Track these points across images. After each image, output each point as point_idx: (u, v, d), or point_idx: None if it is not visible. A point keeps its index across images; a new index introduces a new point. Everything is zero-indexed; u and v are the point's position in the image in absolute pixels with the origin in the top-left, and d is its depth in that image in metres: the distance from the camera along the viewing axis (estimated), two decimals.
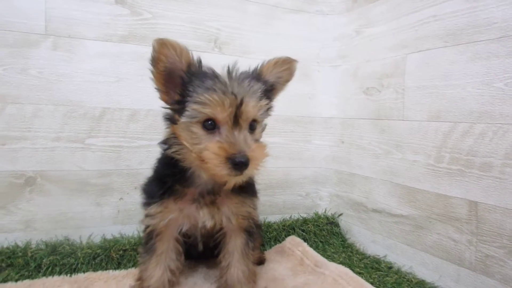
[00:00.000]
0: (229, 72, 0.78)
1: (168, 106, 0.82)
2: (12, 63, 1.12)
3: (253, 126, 0.80)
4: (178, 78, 0.79)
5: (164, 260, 0.91)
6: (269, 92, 0.87)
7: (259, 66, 0.87)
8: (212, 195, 0.87)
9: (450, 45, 1.05)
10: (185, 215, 0.88)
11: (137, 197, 1.27)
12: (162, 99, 0.82)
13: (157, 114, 1.25)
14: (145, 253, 0.91)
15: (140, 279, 0.92)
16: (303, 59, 1.51)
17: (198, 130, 0.77)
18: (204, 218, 0.87)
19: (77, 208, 1.22)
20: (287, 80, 0.91)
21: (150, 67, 0.78)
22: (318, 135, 1.56)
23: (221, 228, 0.92)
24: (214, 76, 0.77)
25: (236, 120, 0.76)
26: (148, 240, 0.91)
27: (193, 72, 0.79)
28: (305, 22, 1.51)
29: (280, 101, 0.93)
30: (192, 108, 0.76)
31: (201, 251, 0.97)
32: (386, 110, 1.27)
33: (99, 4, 1.20)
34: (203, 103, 0.74)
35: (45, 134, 1.17)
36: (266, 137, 0.88)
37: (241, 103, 0.75)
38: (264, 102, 0.79)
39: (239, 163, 0.72)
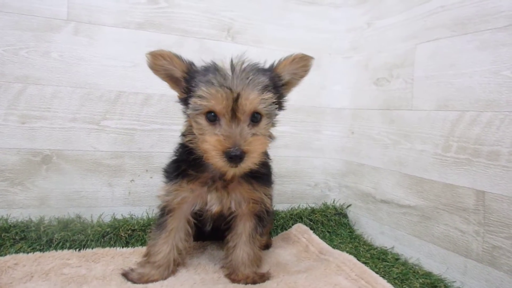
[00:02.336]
0: (232, 65, 0.81)
1: (179, 101, 0.90)
2: (35, 46, 1.18)
3: (256, 118, 0.82)
4: (181, 79, 0.86)
5: (173, 238, 0.93)
6: (281, 86, 0.90)
7: (275, 63, 0.89)
8: (224, 181, 0.90)
9: (457, 34, 1.05)
10: (195, 195, 0.92)
11: (148, 180, 1.32)
12: (179, 97, 0.90)
13: (169, 99, 1.29)
14: (156, 229, 0.94)
15: (147, 254, 0.94)
16: (315, 50, 1.53)
17: (202, 121, 0.82)
18: (212, 202, 0.90)
19: (90, 187, 1.26)
20: (302, 76, 0.93)
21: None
22: (328, 126, 1.56)
23: (232, 212, 0.94)
24: (215, 69, 0.81)
25: (233, 113, 0.78)
26: (161, 216, 0.94)
27: (195, 70, 0.85)
28: (318, 14, 1.53)
29: (292, 91, 0.95)
30: (193, 101, 0.81)
31: (210, 231, 0.99)
32: (395, 100, 1.28)
33: None
34: (201, 96, 0.79)
35: (63, 114, 1.22)
36: (276, 126, 0.91)
37: (238, 97, 0.77)
38: (268, 95, 0.81)
39: (233, 157, 0.76)
